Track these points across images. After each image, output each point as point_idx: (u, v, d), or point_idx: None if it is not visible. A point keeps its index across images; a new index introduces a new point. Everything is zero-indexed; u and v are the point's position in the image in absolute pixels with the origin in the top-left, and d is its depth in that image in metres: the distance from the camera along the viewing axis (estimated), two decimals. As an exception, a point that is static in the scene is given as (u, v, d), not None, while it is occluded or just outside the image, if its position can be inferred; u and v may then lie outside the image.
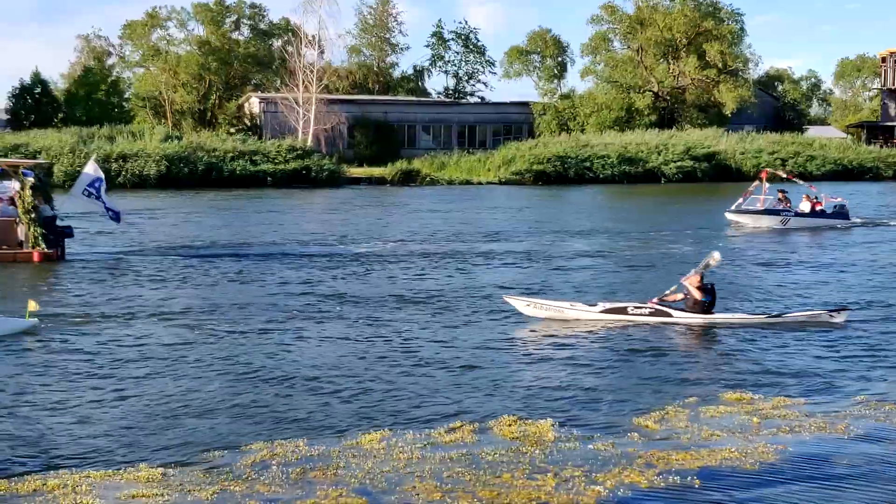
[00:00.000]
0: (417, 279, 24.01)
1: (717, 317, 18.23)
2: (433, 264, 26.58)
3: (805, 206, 38.00)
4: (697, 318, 18.04)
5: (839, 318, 18.34)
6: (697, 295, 18.09)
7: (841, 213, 37.93)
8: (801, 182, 41.54)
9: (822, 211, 37.97)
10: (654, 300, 18.53)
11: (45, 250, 25.65)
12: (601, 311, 18.26)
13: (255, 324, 18.16)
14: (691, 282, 18.32)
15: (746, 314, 18.85)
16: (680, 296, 18.46)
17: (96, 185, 26.71)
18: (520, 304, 18.69)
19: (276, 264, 26.27)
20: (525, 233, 34.96)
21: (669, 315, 18.11)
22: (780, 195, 38.06)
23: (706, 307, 18.16)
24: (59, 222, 26.96)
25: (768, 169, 42.20)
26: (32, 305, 15.45)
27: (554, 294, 21.20)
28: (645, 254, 29.36)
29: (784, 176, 41.07)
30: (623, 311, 18.21)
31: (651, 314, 18.13)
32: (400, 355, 15.82)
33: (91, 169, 27.20)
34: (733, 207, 38.09)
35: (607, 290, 22.37)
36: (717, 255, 18.48)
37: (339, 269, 25.32)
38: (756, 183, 39.21)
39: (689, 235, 34.34)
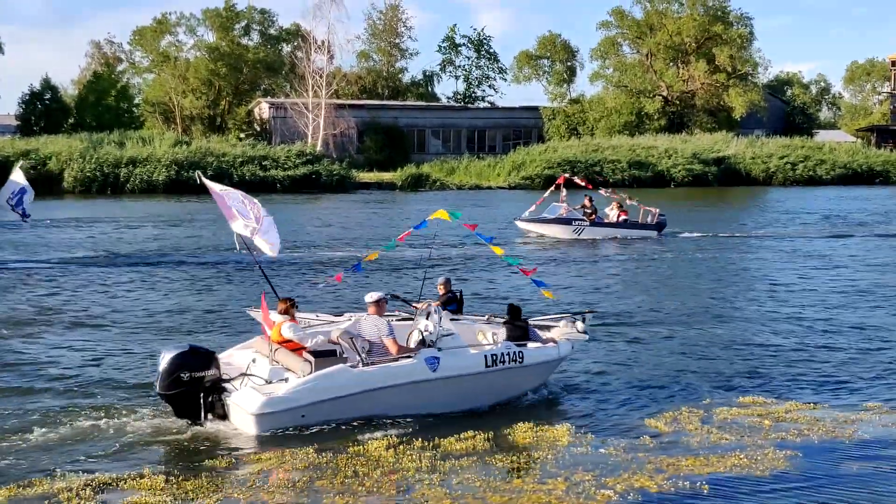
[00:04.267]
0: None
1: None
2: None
3: (612, 216, 36.21)
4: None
5: (581, 325, 18.36)
6: (441, 301, 17.99)
7: (651, 224, 35.63)
8: (605, 191, 38.21)
9: (626, 220, 35.83)
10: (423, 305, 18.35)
11: None
12: (347, 321, 17.87)
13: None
14: (439, 290, 18.21)
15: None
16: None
17: (19, 193, 26.62)
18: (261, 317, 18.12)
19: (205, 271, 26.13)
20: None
21: None
22: (585, 202, 35.88)
23: (452, 314, 17.98)
24: None
25: (565, 175, 39.35)
26: None
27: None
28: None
29: (582, 184, 38.32)
30: None
31: (398, 321, 17.84)
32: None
33: (16, 177, 27.09)
34: (525, 215, 36.13)
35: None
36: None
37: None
38: (551, 189, 37.68)
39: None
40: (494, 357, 13.09)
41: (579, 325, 14.33)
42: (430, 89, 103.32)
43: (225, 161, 60.96)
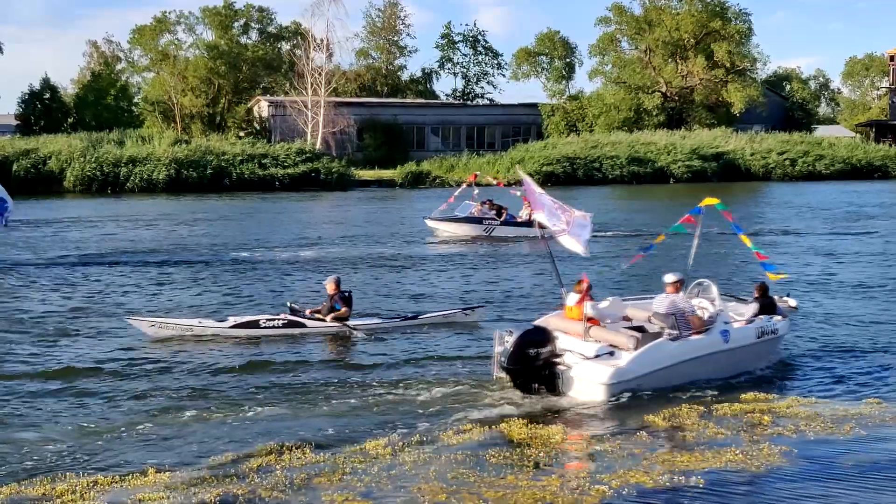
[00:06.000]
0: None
1: (354, 323, 17.89)
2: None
3: (524, 215, 35.07)
4: (332, 326, 17.76)
5: (474, 316, 18.69)
6: (333, 303, 17.89)
7: None
8: (513, 191, 36.86)
9: None
10: (313, 310, 18.17)
11: None
12: (231, 327, 17.61)
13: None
14: (328, 290, 18.06)
15: (382, 318, 18.53)
16: (323, 305, 18.16)
17: None
18: (143, 325, 17.64)
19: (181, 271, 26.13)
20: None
21: (303, 325, 17.74)
22: (487, 203, 35.54)
23: (342, 315, 17.91)
24: None
25: (477, 173, 39.02)
26: None
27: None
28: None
29: (494, 182, 37.99)
30: (255, 324, 17.65)
31: (284, 325, 17.71)
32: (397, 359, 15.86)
33: None
34: (434, 214, 35.83)
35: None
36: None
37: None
38: (463, 187, 37.56)
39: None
40: (763, 329, 14.95)
41: (791, 301, 16.36)
42: (428, 87, 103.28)
43: (224, 159, 60.86)
